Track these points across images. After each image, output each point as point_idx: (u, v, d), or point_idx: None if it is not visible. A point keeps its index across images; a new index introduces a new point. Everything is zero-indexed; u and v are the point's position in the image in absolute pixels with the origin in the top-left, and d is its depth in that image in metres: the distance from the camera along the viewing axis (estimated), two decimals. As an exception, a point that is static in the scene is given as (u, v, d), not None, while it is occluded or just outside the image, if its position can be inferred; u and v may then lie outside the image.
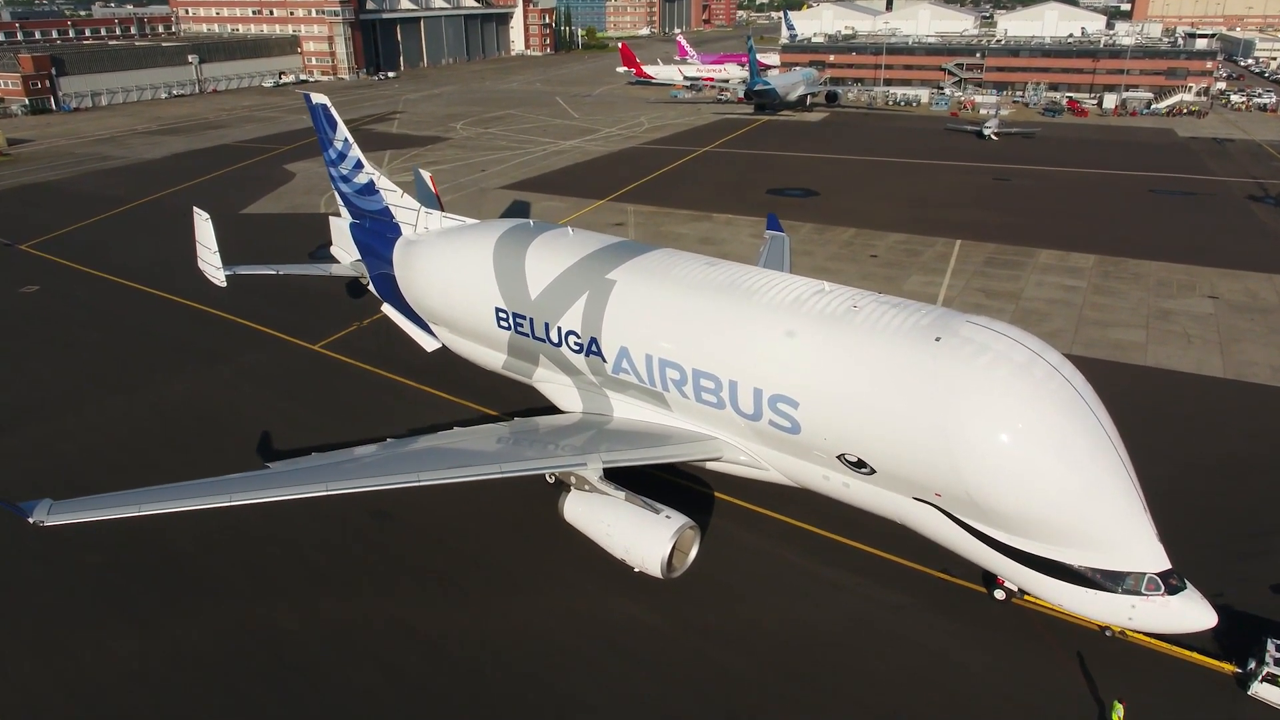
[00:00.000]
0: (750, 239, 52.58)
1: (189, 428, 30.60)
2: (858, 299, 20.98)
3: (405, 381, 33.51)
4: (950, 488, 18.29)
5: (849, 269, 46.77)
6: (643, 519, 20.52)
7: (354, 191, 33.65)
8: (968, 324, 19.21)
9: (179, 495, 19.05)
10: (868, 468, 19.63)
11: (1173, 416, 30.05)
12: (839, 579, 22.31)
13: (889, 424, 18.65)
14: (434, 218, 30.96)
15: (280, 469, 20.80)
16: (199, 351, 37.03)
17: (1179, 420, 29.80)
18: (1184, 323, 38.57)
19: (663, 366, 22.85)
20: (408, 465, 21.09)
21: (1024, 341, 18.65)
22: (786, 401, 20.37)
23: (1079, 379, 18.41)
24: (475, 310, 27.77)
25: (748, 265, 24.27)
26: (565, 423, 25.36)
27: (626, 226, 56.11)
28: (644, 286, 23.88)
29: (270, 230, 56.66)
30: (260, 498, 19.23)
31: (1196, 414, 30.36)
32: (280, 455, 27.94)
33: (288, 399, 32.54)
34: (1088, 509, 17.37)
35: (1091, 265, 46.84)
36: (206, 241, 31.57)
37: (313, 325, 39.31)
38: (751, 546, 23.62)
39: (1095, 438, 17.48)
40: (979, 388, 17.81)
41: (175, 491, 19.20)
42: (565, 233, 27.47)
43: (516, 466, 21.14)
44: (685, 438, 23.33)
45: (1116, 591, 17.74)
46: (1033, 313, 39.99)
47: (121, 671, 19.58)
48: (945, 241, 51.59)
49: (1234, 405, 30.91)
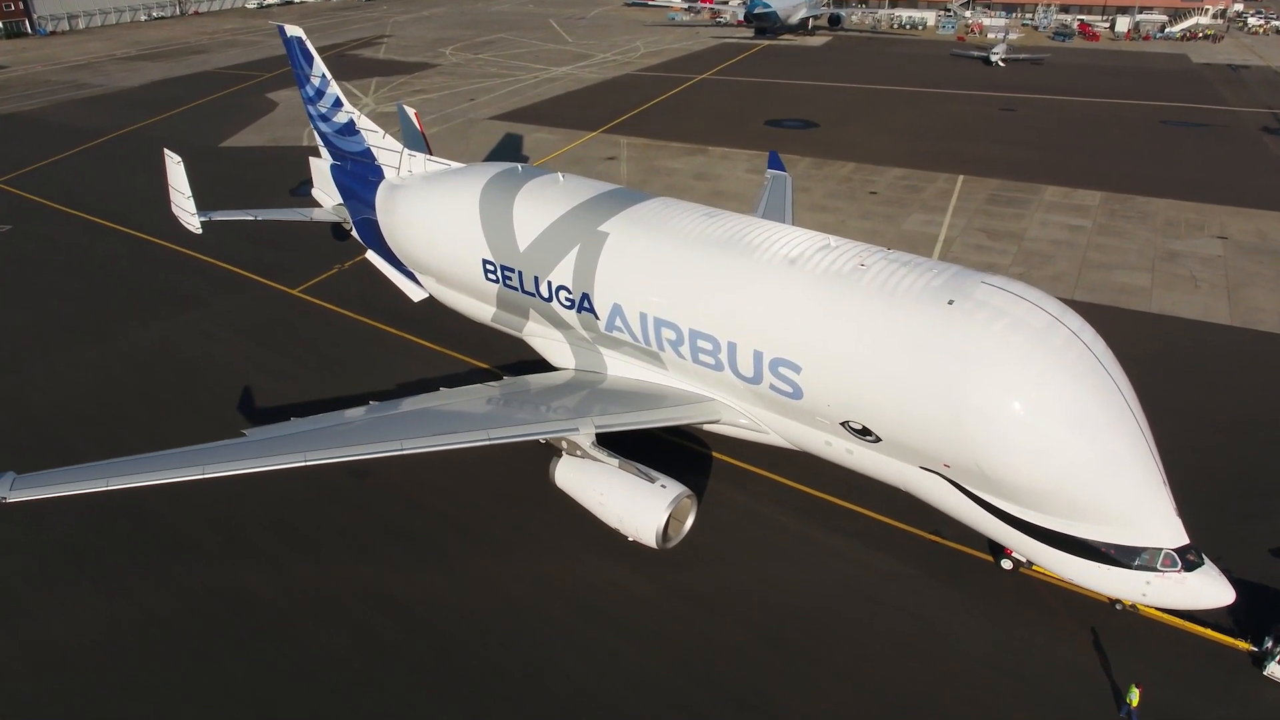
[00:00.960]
0: (746, 174, 50.92)
1: (163, 379, 29.72)
2: (865, 256, 19.69)
3: (389, 330, 32.50)
4: (960, 459, 17.45)
5: (848, 207, 45.30)
6: (637, 488, 19.72)
7: (334, 131, 32.00)
8: (982, 285, 17.98)
9: (150, 467, 18.25)
10: (872, 436, 18.77)
11: (1175, 367, 29.17)
12: (836, 544, 21.68)
13: (896, 392, 17.64)
14: (418, 160, 29.45)
15: (257, 436, 19.88)
16: (175, 296, 35.93)
17: (1181, 371, 28.92)
18: (1191, 265, 37.38)
19: (658, 326, 21.77)
20: (391, 431, 20.16)
21: (1042, 305, 17.50)
22: (788, 366, 19.36)
23: (1099, 344, 17.36)
24: (461, 261, 26.52)
25: (748, 216, 22.92)
26: (556, 382, 24.34)
27: (619, 161, 54.31)
28: (638, 240, 22.60)
29: (251, 164, 54.85)
30: (236, 469, 18.39)
31: (1201, 364, 29.47)
32: (258, 413, 27.22)
33: (265, 348, 31.59)
34: (1104, 484, 16.53)
35: (1098, 203, 45.36)
36: (179, 185, 29.98)
37: (292, 268, 38.11)
38: (745, 508, 22.94)
39: (1115, 408, 16.53)
40: (993, 356, 16.76)
41: (146, 463, 18.39)
42: (555, 179, 26.00)
43: (505, 432, 20.24)
44: (682, 399, 22.40)
45: (1131, 567, 17.03)
46: (1035, 254, 38.76)
47: (88, 639, 19.12)
48: (947, 177, 49.93)
49: (1240, 355, 30.00)
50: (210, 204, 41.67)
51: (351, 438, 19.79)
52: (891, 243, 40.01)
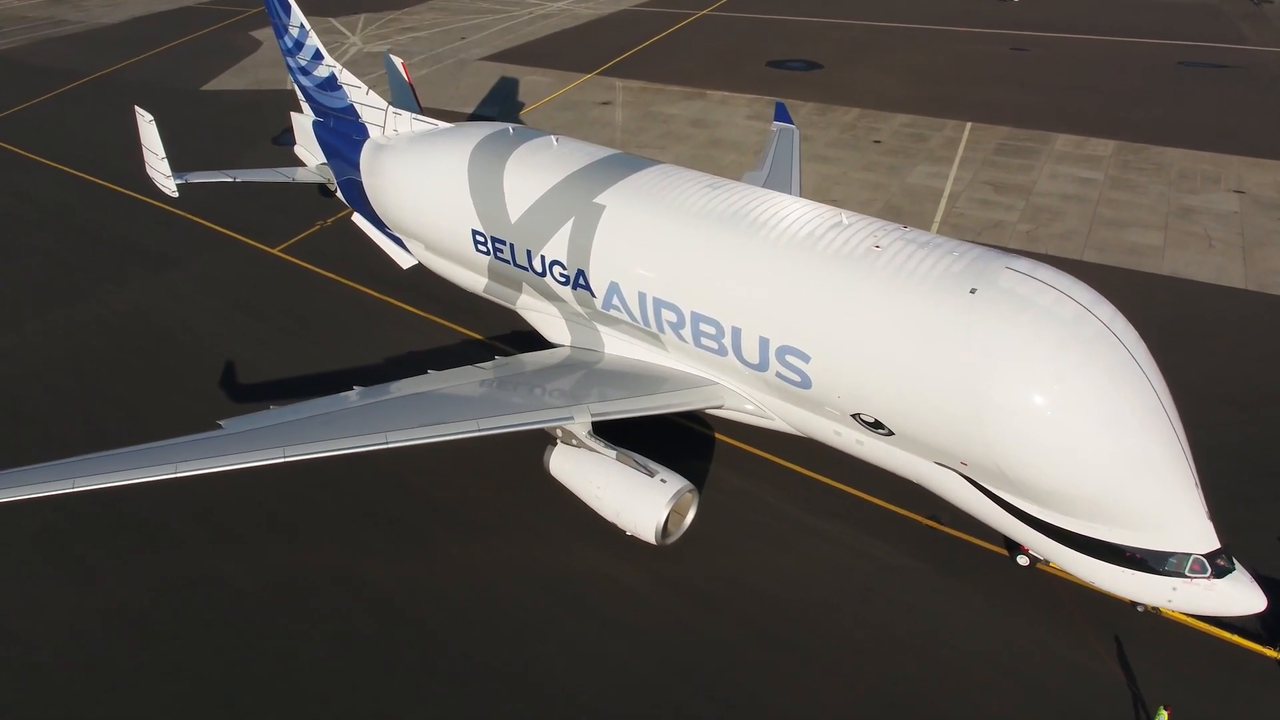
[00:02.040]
0: (746, 121, 49.03)
1: (138, 346, 28.77)
2: (881, 235, 18.38)
3: (374, 294, 31.35)
4: (979, 459, 16.50)
5: (850, 158, 43.62)
6: (635, 482, 18.78)
7: (315, 86, 30.32)
8: (1008, 271, 16.74)
9: (119, 466, 17.45)
10: (885, 429, 17.80)
11: (1185, 335, 28.08)
12: (840, 534, 20.86)
13: (912, 387, 16.59)
14: (403, 119, 27.81)
15: (233, 428, 18.90)
16: (151, 255, 34.73)
17: (1191, 339, 27.85)
18: (1206, 223, 35.95)
19: (657, 306, 20.60)
20: (375, 422, 19.18)
21: (1071, 293, 16.30)
22: (796, 354, 18.27)
23: (1131, 335, 16.20)
24: (450, 231, 25.21)
25: (754, 188, 21.50)
26: (551, 362, 23.25)
27: (614, 106, 52.33)
28: (637, 214, 21.28)
29: (233, 110, 52.94)
30: (210, 467, 17.54)
31: (1212, 332, 28.39)
32: (238, 389, 26.22)
33: (244, 313, 30.54)
34: (1134, 487, 15.58)
35: (1110, 153, 43.62)
36: (152, 145, 28.29)
37: (272, 224, 36.79)
38: (745, 494, 22.09)
39: (1147, 407, 15.49)
40: (1018, 351, 15.64)
41: (114, 461, 17.58)
42: (549, 143, 24.46)
43: (496, 422, 19.29)
44: (683, 382, 21.36)
45: (1157, 572, 16.16)
46: (1044, 210, 37.31)
47: (55, 633, 18.55)
48: (955, 124, 48.03)
49: (1254, 322, 28.89)
50: (190, 153, 40.43)
51: (333, 430, 18.84)
52: (895, 197, 38.61)
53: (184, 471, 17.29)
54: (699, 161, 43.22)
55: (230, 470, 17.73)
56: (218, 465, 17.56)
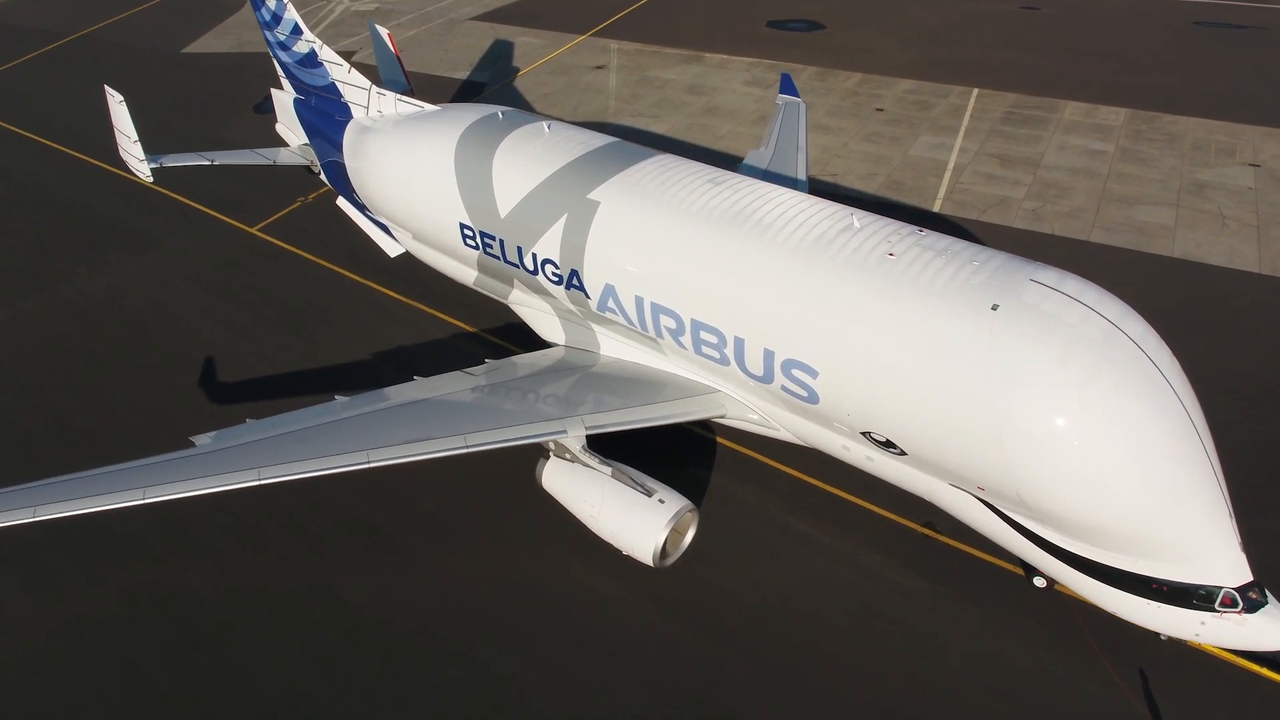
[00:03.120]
0: (744, 87, 47.36)
1: (111, 334, 27.85)
2: (895, 240, 17.24)
3: (358, 279, 30.27)
4: (998, 486, 15.62)
5: (851, 127, 42.10)
6: (633, 502, 17.91)
7: (294, 62, 28.88)
8: (1032, 284, 15.61)
9: (85, 491, 16.56)
10: (897, 449, 16.91)
11: (1194, 322, 27.06)
12: (831, 542, 20.08)
13: (928, 409, 15.63)
14: (388, 99, 26.41)
15: (206, 447, 17.97)
16: (126, 234, 33.61)
17: (1200, 327, 26.83)
18: (1219, 199, 34.66)
19: (655, 312, 19.56)
20: (356, 438, 18.20)
21: (1100, 309, 15.19)
22: (803, 369, 17.28)
23: (1164, 354, 15.13)
24: (437, 223, 24.06)
25: (758, 183, 20.23)
26: (544, 365, 22.20)
27: (608, 71, 50.58)
28: (633, 212, 20.09)
29: (215, 74, 51.29)
30: (182, 492, 16.64)
31: (1223, 320, 27.36)
32: (218, 388, 25.27)
33: (222, 299, 29.52)
34: (1163, 519, 14.67)
35: (1121, 122, 42.07)
36: (124, 128, 26.89)
37: (251, 200, 35.56)
38: (731, 497, 21.28)
39: (1180, 434, 14.52)
40: (1044, 375, 14.61)
41: (79, 486, 16.69)
42: (540, 130, 23.13)
43: (485, 438, 18.31)
44: (684, 389, 20.40)
45: (1186, 606, 15.28)
46: (1052, 185, 35.98)
47: (13, 649, 17.93)
48: (961, 91, 46.36)
49: (1268, 309, 27.83)
50: (170, 121, 39.33)
51: (312, 447, 17.85)
52: (896, 170, 37.29)
53: (153, 497, 16.46)
54: (695, 131, 41.81)
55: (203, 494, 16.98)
56: (189, 490, 16.64)
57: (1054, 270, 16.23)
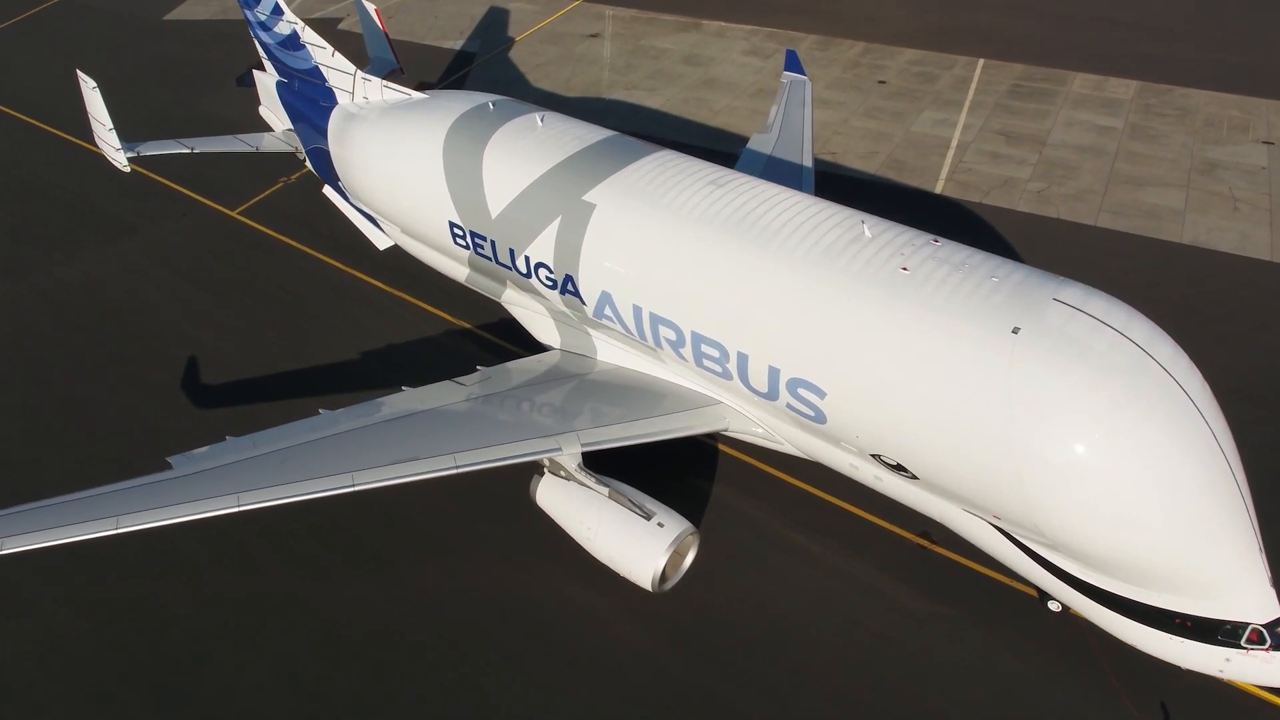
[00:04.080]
0: (743, 57, 45.85)
1: (86, 326, 27.02)
2: (909, 252, 16.23)
3: (344, 268, 29.28)
4: (1016, 517, 14.90)
5: (852, 101, 40.76)
6: (631, 525, 17.19)
7: (276, 44, 27.58)
8: (1055, 304, 14.71)
9: (54, 521, 15.59)
10: (908, 472, 16.16)
11: (1201, 314, 26.23)
12: (822, 553, 19.44)
13: (942, 436, 14.86)
14: (373, 85, 25.15)
15: (183, 469, 17.10)
16: (104, 219, 32.57)
17: (1208, 320, 25.99)
18: (1231, 180, 33.54)
19: (654, 322, 18.66)
20: (340, 458, 17.37)
21: (1127, 331, 14.31)
22: (810, 388, 16.43)
23: (1194, 380, 14.27)
24: (425, 220, 23.08)
25: (762, 184, 19.12)
26: (537, 373, 21.20)
27: (603, 40, 48.99)
28: (631, 216, 19.09)
29: (197, 43, 49.65)
30: (158, 520, 15.80)
31: (1233, 312, 26.49)
32: (199, 390, 24.43)
33: (201, 289, 28.63)
34: (1191, 556, 13.95)
35: (1131, 96, 40.69)
36: (99, 116, 25.62)
37: (232, 181, 34.44)
38: (720, 505, 20.60)
39: (1211, 467, 13.74)
40: (1068, 405, 13.79)
41: (47, 515, 15.70)
42: (533, 123, 21.99)
43: (475, 457, 17.44)
44: (685, 400, 19.55)
45: (1210, 642, 14.59)
46: (1058, 165, 34.83)
47: (-19, 669, 17.45)
48: (966, 61, 44.84)
49: (1278, 300, 26.92)
50: (150, 93, 38.03)
51: (293, 469, 17.05)
52: (898, 149, 36.13)
53: (127, 527, 15.62)
54: (691, 105, 40.49)
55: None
56: (165, 518, 15.84)
57: (1078, 287, 15.27)
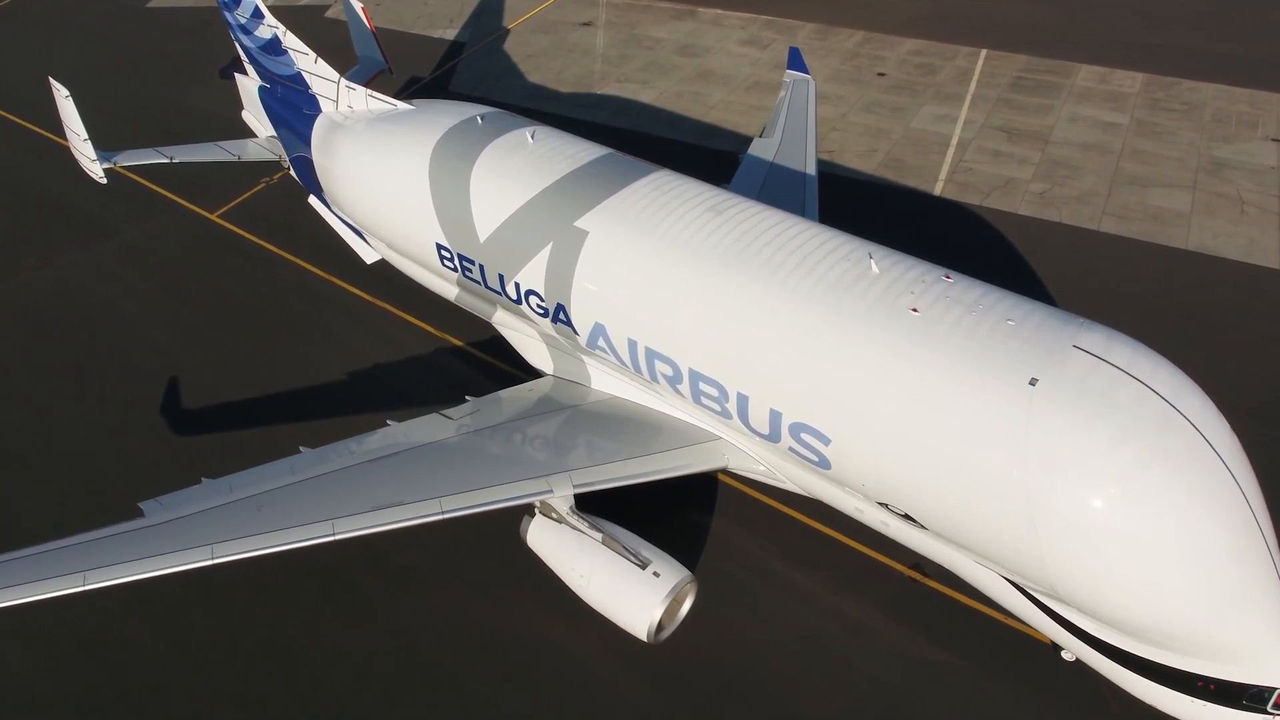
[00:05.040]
0: (738, 48, 44.68)
1: (57, 338, 26.25)
2: (919, 290, 15.27)
3: (324, 276, 28.34)
4: (1030, 575, 14.15)
5: (851, 95, 39.69)
6: (625, 574, 16.39)
7: (257, 48, 26.47)
8: (1075, 351, 13.81)
9: (14, 577, 14.65)
10: (917, 521, 15.42)
11: (1207, 325, 25.43)
12: (811, 587, 18.72)
13: (953, 491, 14.10)
14: (358, 94, 24.07)
15: (155, 516, 16.17)
16: (79, 221, 31.70)
17: (1214, 332, 25.20)
18: (1239, 180, 32.56)
19: (650, 357, 17.82)
20: (321, 503, 16.50)
21: (1154, 384, 13.39)
22: (813, 434, 15.62)
23: (1223, 434, 13.35)
24: (412, 240, 22.18)
25: (763, 210, 18.14)
26: (528, 404, 20.25)
27: (596, 28, 47.78)
28: (626, 245, 18.14)
29: (181, 32, 48.44)
30: (126, 576, 14.89)
31: (1240, 323, 25.64)
32: (171, 411, 23.61)
33: (178, 298, 27.82)
34: (1217, 621, 13.17)
35: (1137, 89, 39.57)
36: (73, 125, 24.72)
37: (212, 182, 33.47)
38: (724, 544, 19.77)
39: (1240, 530, 12.92)
40: (1088, 465, 12.94)
41: (7, 571, 14.74)
42: (524, 139, 20.88)
43: (462, 502, 16.54)
44: (682, 435, 18.68)
45: (1234, 706, 13.84)
46: (1061, 164, 33.85)
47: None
48: (968, 52, 43.67)
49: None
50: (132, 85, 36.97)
51: (271, 516, 16.16)
52: (897, 146, 35.18)
53: (95, 583, 14.71)
54: (684, 100, 39.42)
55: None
56: (134, 573, 14.92)
57: (1100, 330, 14.37)
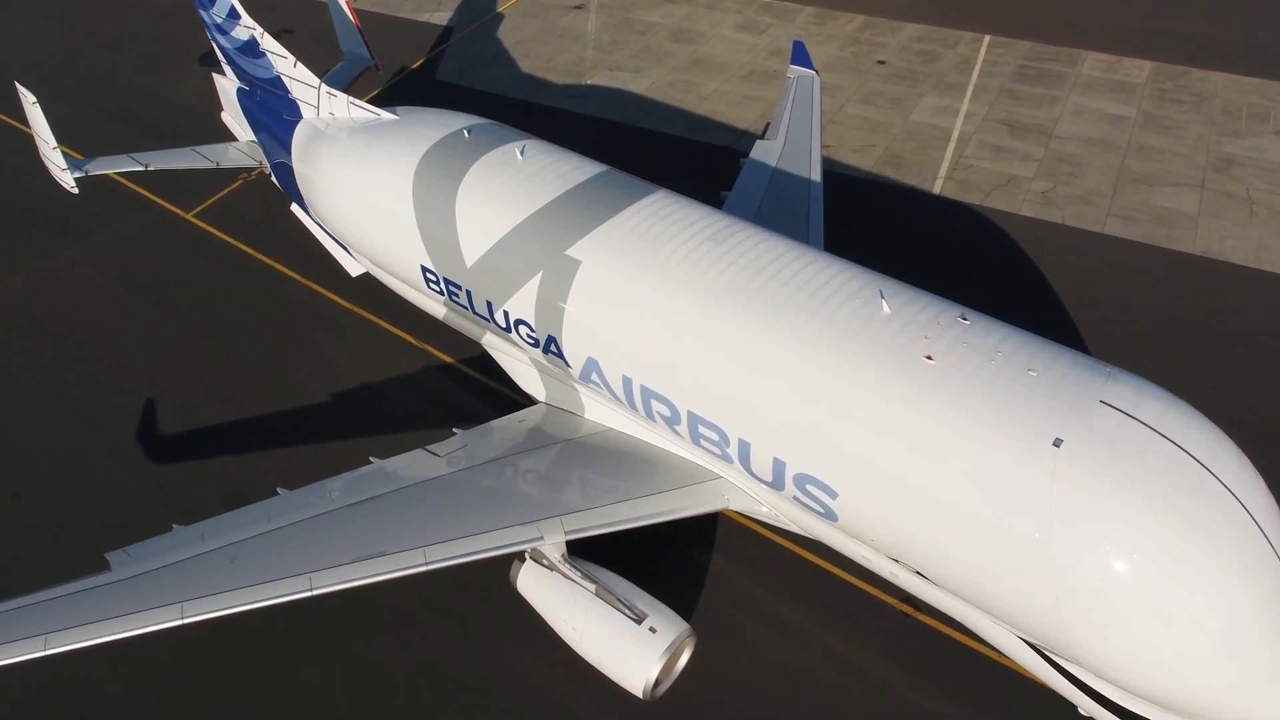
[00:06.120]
0: (734, 34, 43.39)
1: (24, 351, 25.36)
2: (934, 335, 14.26)
3: (305, 283, 27.34)
4: (1051, 643, 13.32)
5: (849, 85, 38.51)
6: (621, 630, 15.48)
7: (235, 49, 25.18)
8: (1102, 408, 12.84)
9: None
10: (929, 579, 14.66)
11: (1214, 338, 24.62)
12: (799, 623, 18.07)
13: (969, 555, 13.24)
14: (339, 101, 22.84)
15: (123, 569, 15.16)
16: (50, 220, 30.66)
17: (1219, 344, 24.40)
18: (1248, 179, 31.57)
19: (646, 395, 16.88)
20: (297, 555, 15.50)
21: (1188, 445, 12.41)
22: (819, 486, 14.74)
23: (1261, 497, 12.39)
24: (396, 260, 21.19)
25: (767, 238, 17.06)
26: (519, 437, 19.12)
27: (587, 11, 46.41)
28: (620, 278, 17.04)
29: (159, 17, 46.98)
30: (91, 638, 13.94)
31: (1245, 334, 24.83)
32: (145, 432, 22.78)
33: (152, 306, 26.91)
34: (1253, 700, 12.39)
35: (1145, 79, 38.41)
36: (41, 133, 23.56)
37: (189, 178, 32.25)
38: (716, 575, 19.09)
39: (1277, 602, 12.04)
40: (1117, 536, 12.03)
41: None
42: (512, 156, 19.73)
43: (447, 552, 15.54)
44: (680, 473, 17.63)
45: None
46: (1065, 161, 32.83)
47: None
48: (971, 39, 42.42)
49: (1295, 324, 25.30)
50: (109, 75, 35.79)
51: (245, 567, 15.14)
52: (896, 141, 34.14)
53: (57, 647, 13.81)
54: (677, 89, 38.26)
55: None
56: (100, 635, 13.99)
57: (1128, 382, 13.38)
